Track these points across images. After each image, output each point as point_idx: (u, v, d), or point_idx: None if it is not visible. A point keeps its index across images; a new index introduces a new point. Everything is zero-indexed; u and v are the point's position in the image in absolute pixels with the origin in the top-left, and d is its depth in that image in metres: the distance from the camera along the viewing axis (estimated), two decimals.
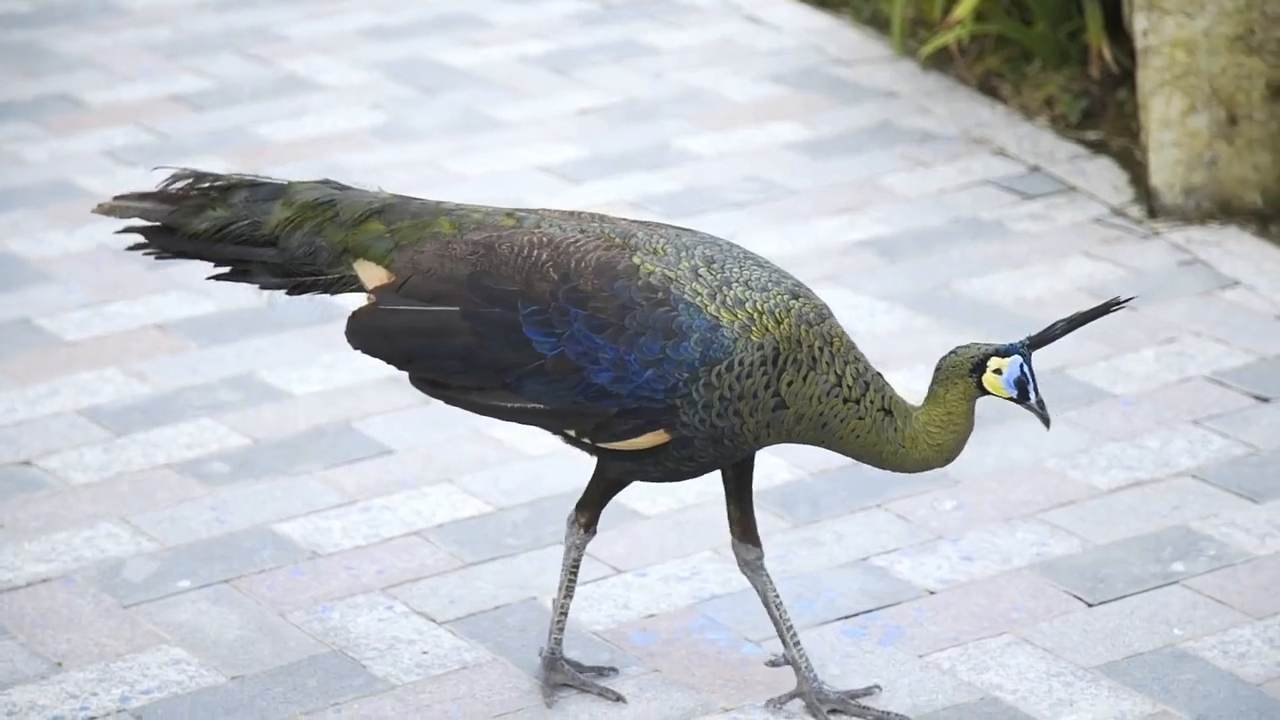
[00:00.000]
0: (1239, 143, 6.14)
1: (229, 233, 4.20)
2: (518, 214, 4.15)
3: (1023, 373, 3.93)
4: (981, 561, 4.67)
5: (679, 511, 4.89)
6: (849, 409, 3.96)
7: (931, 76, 7.22)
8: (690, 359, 3.93)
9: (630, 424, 3.98)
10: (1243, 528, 4.73)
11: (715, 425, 3.95)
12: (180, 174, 4.28)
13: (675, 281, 3.96)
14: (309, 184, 4.26)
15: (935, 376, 3.98)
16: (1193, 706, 4.16)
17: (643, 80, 7.36)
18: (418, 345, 4.08)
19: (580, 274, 3.98)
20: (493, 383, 4.04)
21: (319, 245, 4.17)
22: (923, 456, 4.00)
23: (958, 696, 4.22)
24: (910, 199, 6.43)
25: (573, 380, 3.98)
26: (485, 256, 4.05)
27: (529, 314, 3.99)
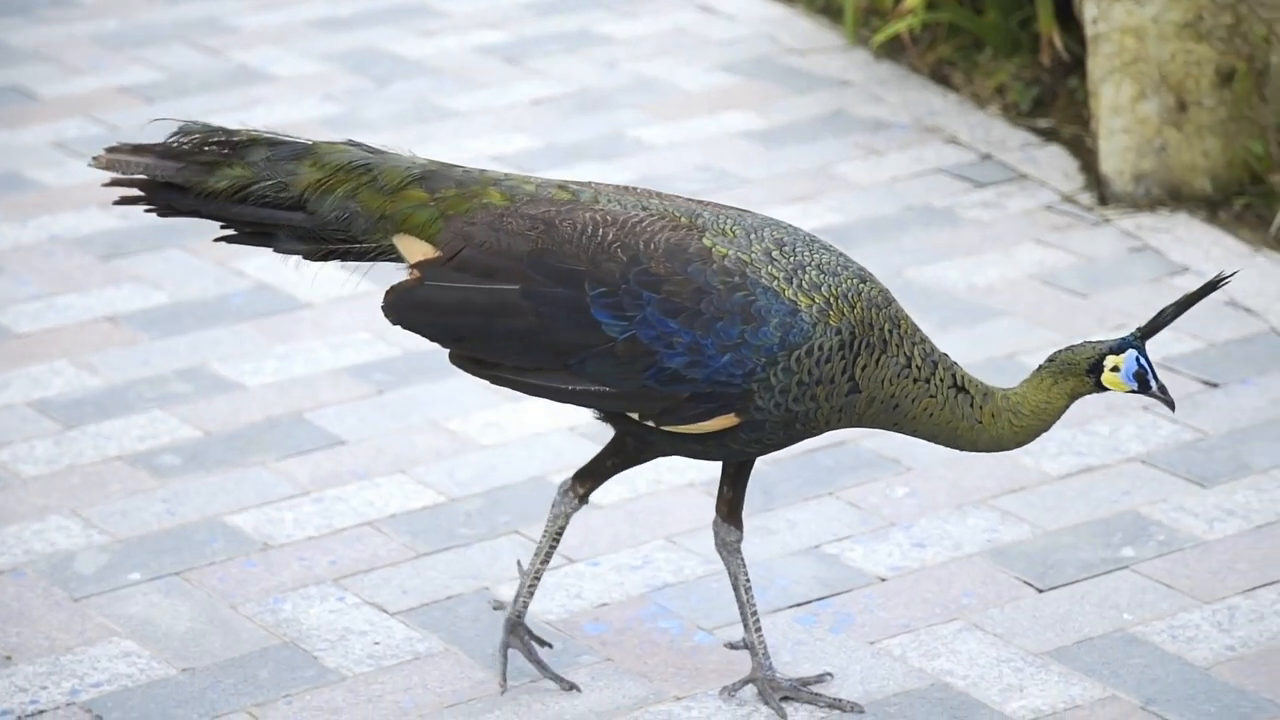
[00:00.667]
0: (1188, 129, 6.16)
1: (251, 193, 4.03)
2: (571, 186, 4.03)
3: (1140, 365, 3.92)
4: (933, 548, 4.68)
5: (631, 501, 4.90)
6: (919, 388, 3.93)
7: (884, 65, 7.24)
8: (769, 344, 3.87)
9: (701, 408, 3.91)
10: (1191, 512, 4.76)
11: (790, 410, 3.90)
12: (189, 127, 4.10)
13: (751, 265, 3.89)
14: (338, 145, 4.09)
15: (1046, 366, 3.95)
16: (1142, 690, 4.18)
17: (596, 70, 7.36)
18: (471, 323, 3.94)
19: (651, 256, 3.89)
20: (553, 364, 3.93)
21: (354, 211, 4.00)
22: (998, 434, 3.97)
23: (909, 683, 4.24)
24: (863, 187, 6.44)
25: (643, 363, 3.89)
26: (546, 233, 3.92)
27: (597, 295, 3.89)
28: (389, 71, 7.37)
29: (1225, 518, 4.73)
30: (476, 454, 5.09)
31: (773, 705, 4.15)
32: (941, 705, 4.17)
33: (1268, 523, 4.69)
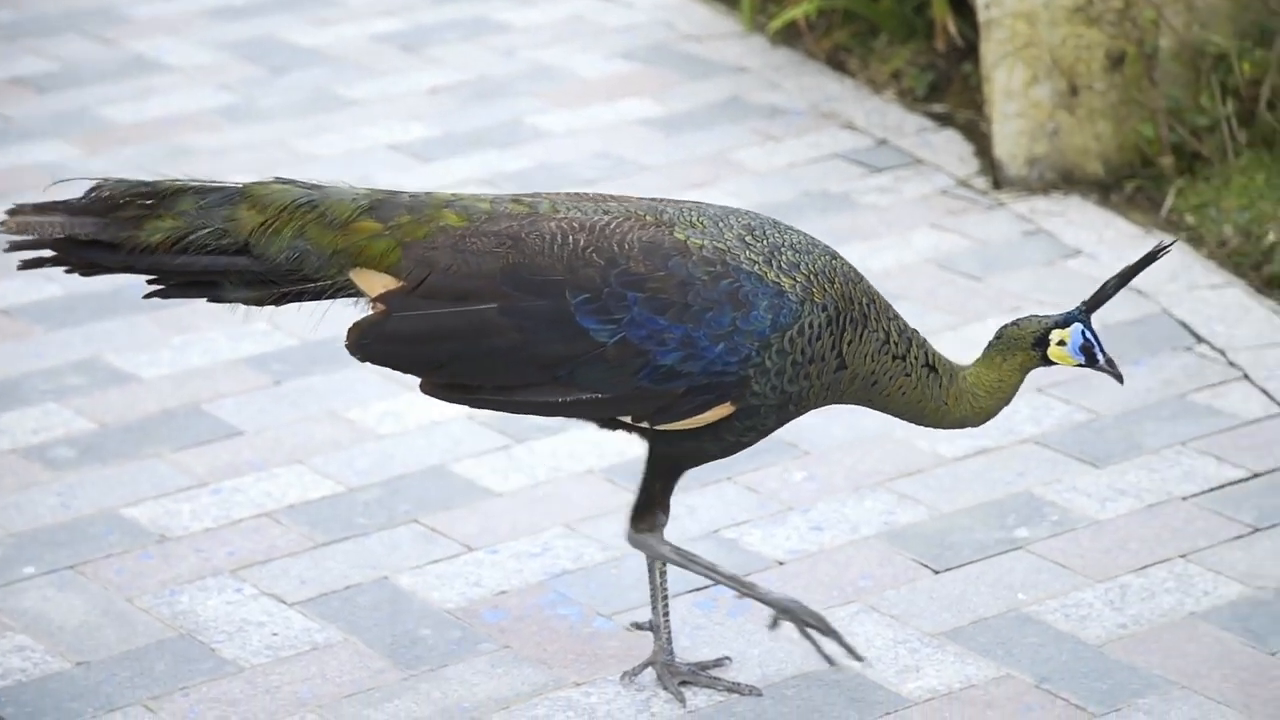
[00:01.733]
0: (1080, 113, 6.22)
1: (191, 243, 3.93)
2: (525, 199, 3.98)
3: (1086, 338, 3.94)
4: (830, 531, 4.71)
5: (531, 488, 4.90)
6: (896, 365, 3.94)
7: (781, 51, 7.26)
8: (761, 327, 3.86)
9: (697, 401, 3.89)
10: (1084, 492, 4.81)
11: (785, 391, 3.89)
12: (104, 184, 4.00)
13: (729, 252, 3.87)
14: (272, 185, 3.99)
15: (994, 344, 3.98)
16: (1036, 669, 4.22)
17: (494, 58, 7.35)
18: (449, 349, 3.87)
19: (629, 256, 3.86)
20: (540, 378, 3.88)
21: (304, 250, 3.92)
22: (962, 416, 4.00)
23: (806, 665, 4.26)
24: (760, 173, 6.47)
25: (636, 364, 3.86)
26: (515, 248, 3.87)
27: (580, 302, 3.84)
28: (285, 60, 7.33)
29: (1117, 497, 4.78)
30: (375, 443, 5.08)
31: (671, 690, 4.17)
32: (839, 687, 4.20)
33: (1159, 502, 4.75)
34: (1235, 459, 4.88)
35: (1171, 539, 4.60)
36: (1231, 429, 4.99)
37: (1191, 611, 4.37)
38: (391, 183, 6.44)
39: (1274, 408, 5.08)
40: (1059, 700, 4.12)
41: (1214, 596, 4.41)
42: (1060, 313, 3.99)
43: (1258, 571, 4.48)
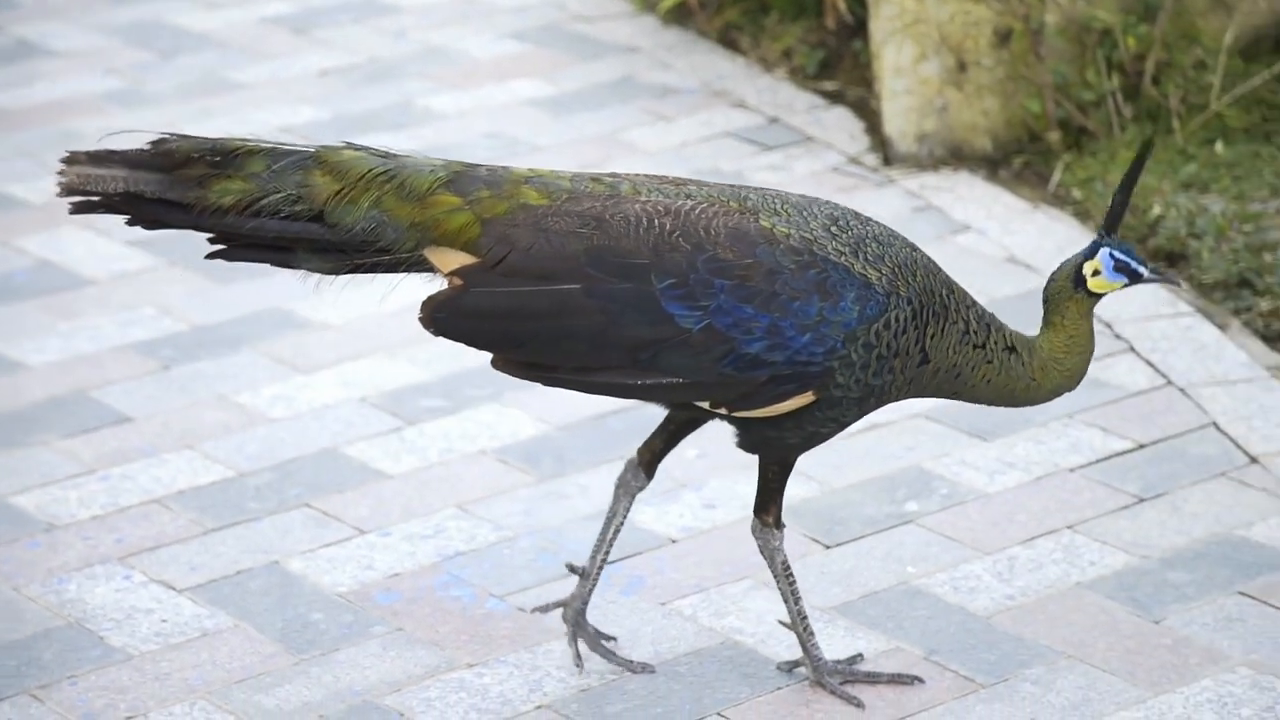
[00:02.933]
0: (968, 89, 6.26)
1: (264, 207, 3.82)
2: (605, 179, 3.92)
3: (1117, 258, 3.88)
4: (723, 508, 4.73)
5: (423, 470, 4.89)
6: (978, 354, 3.89)
7: (672, 31, 7.27)
8: (848, 319, 3.81)
9: (780, 390, 3.84)
10: (973, 466, 4.84)
11: (869, 385, 3.85)
12: (169, 138, 3.87)
13: (816, 242, 3.83)
14: (345, 152, 3.89)
15: (1046, 308, 3.93)
16: (925, 641, 4.25)
17: (384, 39, 7.32)
18: (530, 328, 3.82)
19: (715, 242, 3.81)
20: (621, 361, 3.83)
21: (381, 221, 3.82)
22: (1055, 385, 3.94)
23: (699, 642, 4.28)
24: (652, 152, 6.47)
25: (720, 351, 3.81)
26: (600, 229, 3.81)
27: (666, 287, 3.79)
28: (174, 44, 7.27)
29: (1005, 470, 4.82)
30: (266, 428, 5.06)
31: (569, 638, 4.16)
32: (731, 663, 4.22)
33: (1046, 474, 4.79)
34: (1121, 430, 4.93)
35: (1058, 510, 4.65)
36: (1118, 401, 5.05)
37: (1078, 582, 4.41)
38: None
39: (1159, 379, 5.13)
40: (948, 672, 4.16)
41: (1100, 566, 4.46)
42: (1083, 250, 3.92)
43: (1143, 541, 4.53)
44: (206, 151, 3.86)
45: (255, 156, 3.86)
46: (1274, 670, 4.11)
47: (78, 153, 3.88)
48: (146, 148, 3.88)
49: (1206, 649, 4.18)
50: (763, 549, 4.07)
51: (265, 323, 5.53)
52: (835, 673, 4.12)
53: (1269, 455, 4.79)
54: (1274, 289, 5.38)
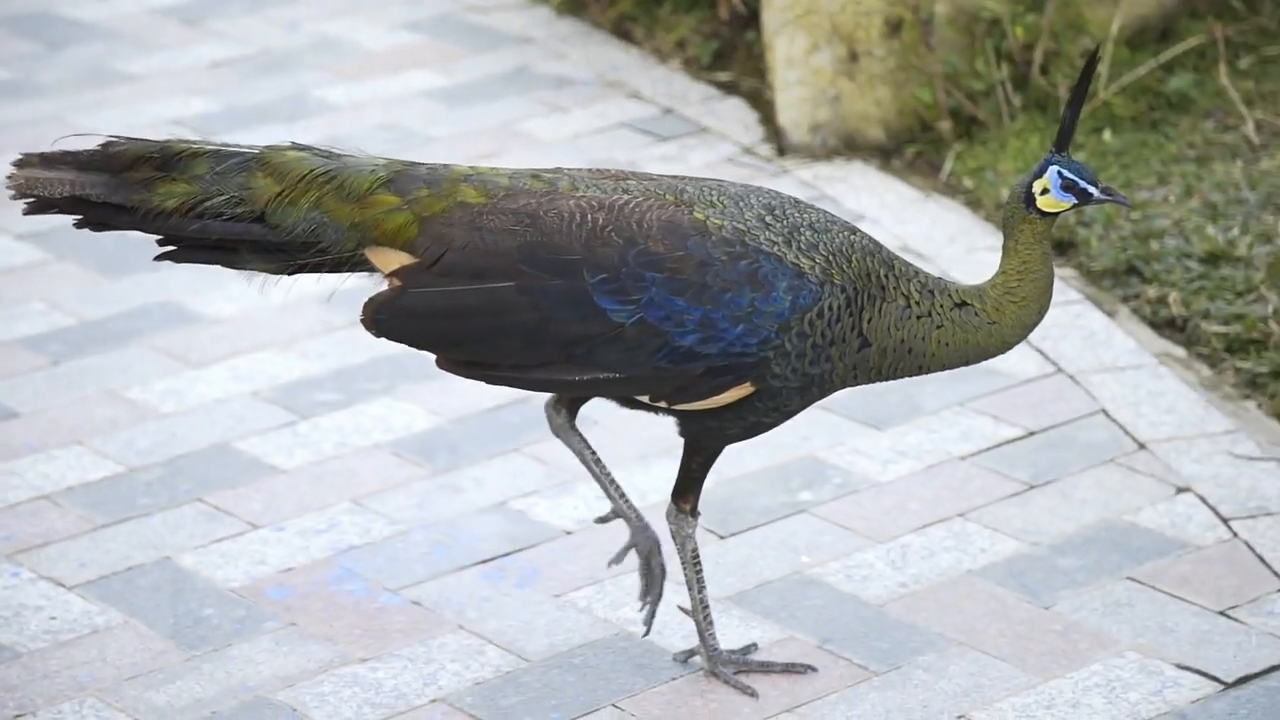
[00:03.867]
0: (860, 79, 6.29)
1: (206, 209, 3.85)
2: (545, 175, 3.93)
3: (1065, 177, 3.83)
4: None
5: (317, 464, 4.87)
6: (924, 324, 3.87)
7: (566, 22, 7.26)
8: (780, 309, 3.81)
9: (716, 382, 3.84)
10: (866, 455, 4.87)
11: (807, 373, 3.84)
12: (116, 141, 3.90)
13: (748, 233, 3.82)
14: (289, 153, 3.91)
15: (1004, 234, 3.88)
16: (819, 630, 4.27)
17: (277, 30, 7.27)
18: (465, 326, 3.83)
19: (647, 236, 3.81)
20: (557, 357, 3.84)
21: (321, 222, 3.84)
22: (1015, 318, 3.88)
23: (593, 634, 4.28)
24: (547, 143, 6.47)
25: (653, 345, 3.82)
26: (533, 226, 3.82)
27: (598, 282, 3.80)
28: (63, 35, 7.20)
29: (898, 459, 4.85)
30: (156, 423, 5.02)
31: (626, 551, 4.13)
32: (625, 654, 4.22)
33: (938, 462, 4.83)
34: (1011, 418, 4.97)
35: (950, 498, 4.68)
36: (1008, 389, 5.08)
37: (969, 569, 4.44)
38: None
39: (1049, 367, 5.18)
40: (841, 660, 4.18)
41: (990, 554, 4.49)
42: (1034, 167, 3.88)
43: (1032, 528, 4.57)
44: (153, 154, 3.90)
45: (200, 159, 3.89)
46: (1161, 654, 4.16)
47: (30, 155, 3.91)
48: (94, 150, 3.91)
49: (1095, 634, 4.22)
50: (675, 534, 4.08)
51: (156, 317, 5.49)
52: (729, 662, 4.13)
53: (1156, 441, 4.85)
54: (1161, 276, 5.44)
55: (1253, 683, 4.08)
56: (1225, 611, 4.27)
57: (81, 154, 3.91)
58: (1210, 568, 4.40)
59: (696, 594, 4.09)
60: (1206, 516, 4.57)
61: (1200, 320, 5.26)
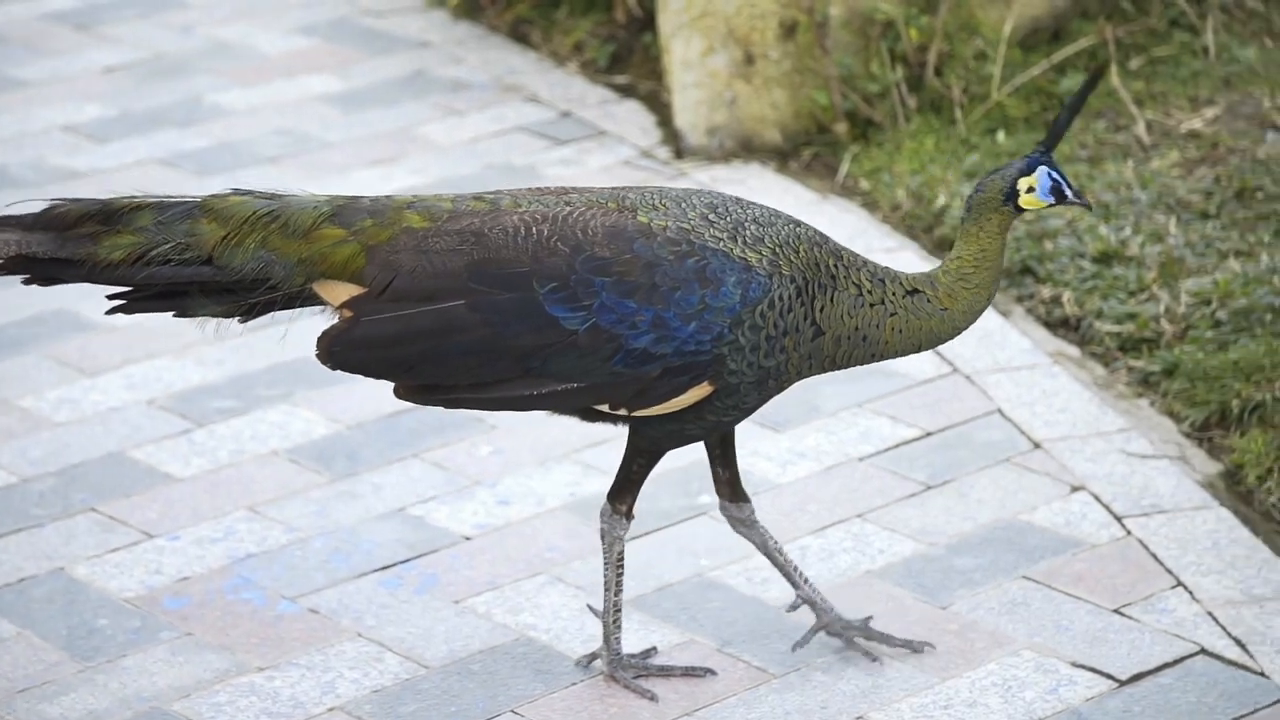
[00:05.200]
0: (756, 81, 6.30)
1: (153, 257, 3.89)
2: (488, 196, 3.95)
3: (1053, 178, 3.89)
4: (517, 504, 4.72)
5: (213, 472, 4.83)
6: (878, 312, 3.90)
7: (463, 25, 7.24)
8: (731, 304, 3.82)
9: (674, 382, 3.85)
10: (766, 456, 4.88)
11: (763, 366, 3.85)
12: (59, 203, 3.94)
13: (693, 231, 3.84)
14: (230, 197, 3.95)
15: (965, 216, 3.92)
16: (719, 633, 4.28)
17: (171, 35, 7.22)
18: (419, 349, 3.84)
19: (593, 242, 3.82)
20: (513, 372, 3.84)
21: (269, 260, 3.88)
22: (967, 305, 3.93)
23: (493, 639, 4.27)
24: (444, 148, 6.45)
25: (608, 350, 3.82)
26: (479, 243, 3.84)
27: (549, 291, 3.81)
28: None
29: (797, 460, 4.86)
30: (50, 432, 4.97)
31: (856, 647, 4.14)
32: (525, 660, 4.22)
33: (836, 464, 4.84)
34: (909, 419, 5.00)
35: (849, 499, 4.70)
36: (905, 389, 5.11)
37: (867, 570, 4.46)
38: (66, 165, 6.30)
39: (945, 367, 5.21)
40: (740, 663, 4.19)
41: (889, 554, 4.51)
42: (1018, 160, 3.94)
43: (930, 528, 4.59)
44: (95, 212, 3.94)
45: (143, 211, 3.95)
46: (1056, 652, 4.19)
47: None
48: (38, 212, 3.96)
49: (992, 633, 4.25)
50: (606, 534, 4.09)
51: (49, 325, 5.44)
52: (629, 667, 4.14)
53: (1051, 440, 4.89)
54: (1055, 276, 5.48)
55: (1146, 680, 4.12)
56: (1119, 609, 4.31)
57: (25, 217, 3.97)
58: (1104, 566, 4.44)
59: (613, 596, 4.10)
60: (1101, 515, 4.61)
61: (1094, 319, 5.31)
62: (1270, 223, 5.56)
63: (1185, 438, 4.92)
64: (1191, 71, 6.35)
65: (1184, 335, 5.18)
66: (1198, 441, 4.90)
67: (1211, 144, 5.96)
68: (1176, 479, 4.72)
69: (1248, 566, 4.42)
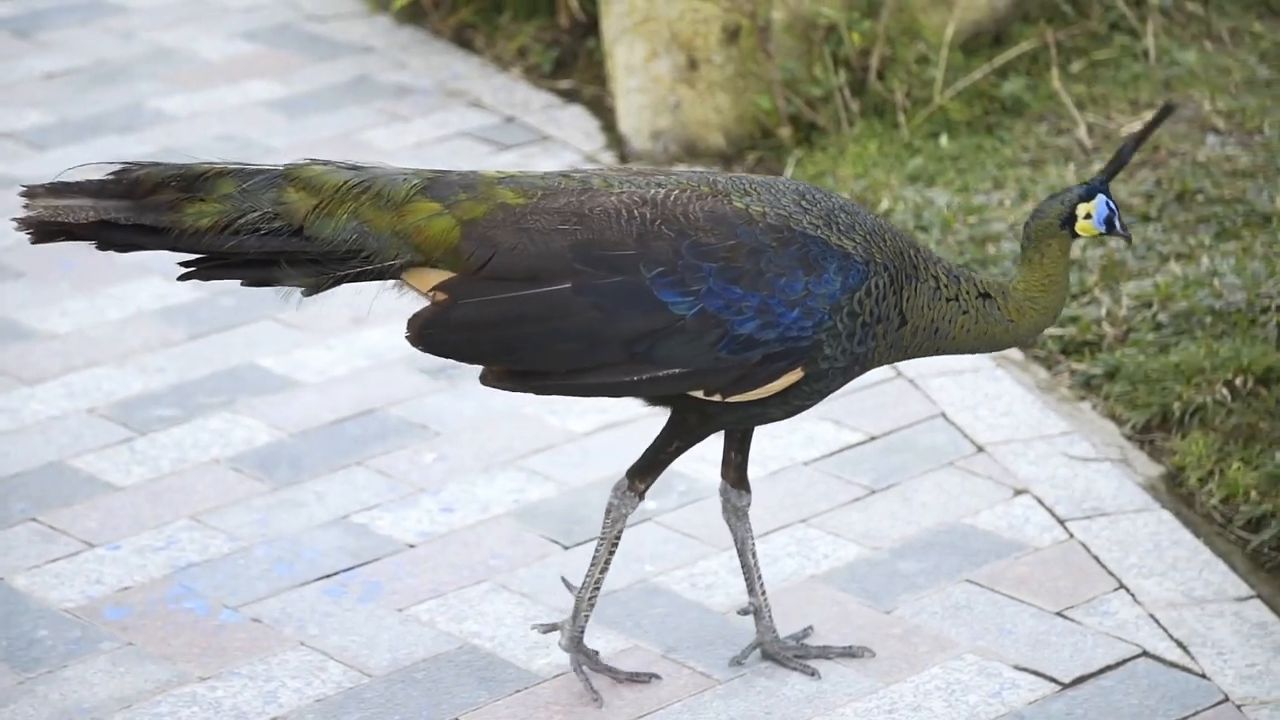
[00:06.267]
0: (700, 86, 6.31)
1: (242, 225, 3.83)
2: (575, 175, 3.93)
3: (1109, 208, 3.97)
4: (461, 512, 4.71)
5: (154, 481, 4.81)
6: (952, 307, 3.94)
7: (406, 30, 7.23)
8: (832, 290, 3.84)
9: (772, 368, 3.85)
10: (712, 462, 4.87)
11: (854, 353, 3.88)
12: (132, 166, 3.87)
13: (791, 218, 3.86)
14: (314, 166, 3.89)
15: (1025, 244, 3.98)
16: (663, 639, 4.28)
17: (112, 41, 7.18)
18: (523, 333, 3.81)
19: (697, 227, 3.83)
20: (617, 357, 3.82)
21: (363, 231, 3.82)
22: (1033, 323, 3.99)
23: (437, 647, 4.26)
24: (388, 153, 6.43)
25: (714, 336, 3.82)
26: (582, 224, 3.82)
27: (656, 275, 3.80)
28: None
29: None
30: None
31: (790, 665, 4.13)
32: (469, 667, 4.20)
33: (781, 468, 4.84)
34: (853, 423, 5.00)
35: (793, 504, 4.70)
36: (849, 394, 5.11)
37: (812, 575, 4.47)
38: (6, 173, 6.26)
39: (889, 371, 5.21)
40: (685, 669, 4.18)
41: (833, 559, 4.51)
42: (1078, 187, 4.00)
43: (874, 532, 4.59)
44: (173, 178, 3.87)
45: (225, 178, 3.88)
46: (1000, 656, 4.20)
47: (35, 187, 3.87)
48: (109, 178, 3.89)
49: (935, 637, 4.25)
50: (613, 509, 4.06)
51: None
52: (585, 654, 4.12)
53: (994, 444, 4.90)
54: None
55: (1088, 682, 4.13)
56: (1062, 612, 4.32)
57: (90, 183, 3.89)
58: (1047, 569, 4.45)
59: (597, 574, 4.09)
60: (1043, 518, 4.63)
61: None
62: (1210, 225, 5.59)
63: (1127, 440, 4.93)
64: (1132, 75, 6.38)
65: (1125, 338, 5.20)
66: (1139, 444, 4.92)
67: (1153, 147, 5.98)
68: (1118, 481, 4.74)
69: (1189, 568, 4.43)
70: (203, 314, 5.50)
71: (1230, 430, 4.83)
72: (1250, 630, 4.24)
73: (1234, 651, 4.18)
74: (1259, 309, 5.14)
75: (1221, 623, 4.26)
